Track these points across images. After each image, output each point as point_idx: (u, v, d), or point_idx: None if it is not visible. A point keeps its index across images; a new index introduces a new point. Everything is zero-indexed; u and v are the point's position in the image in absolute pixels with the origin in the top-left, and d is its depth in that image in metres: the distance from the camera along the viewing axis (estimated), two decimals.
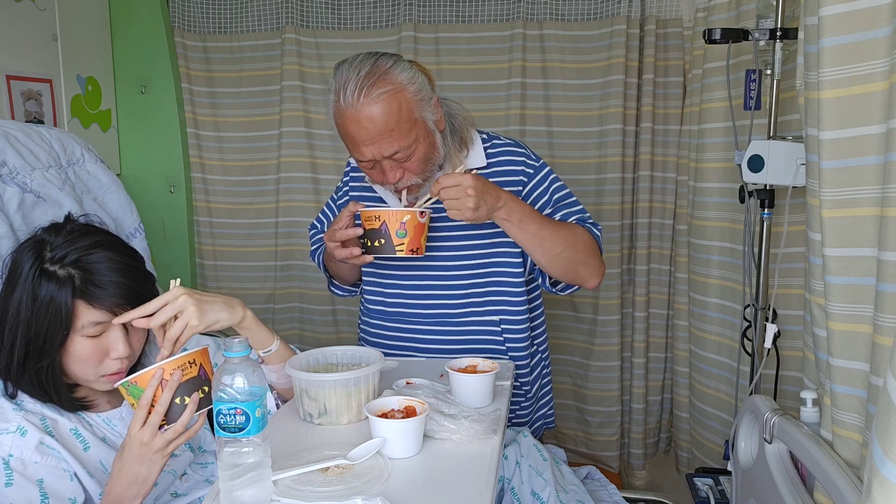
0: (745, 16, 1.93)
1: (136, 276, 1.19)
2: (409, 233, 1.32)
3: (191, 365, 1.08)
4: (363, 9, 2.51)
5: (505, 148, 1.53)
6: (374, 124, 1.30)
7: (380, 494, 0.91)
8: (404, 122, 1.32)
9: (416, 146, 1.36)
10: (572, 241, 1.44)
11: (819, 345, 1.07)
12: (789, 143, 1.67)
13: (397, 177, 1.38)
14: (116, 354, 1.16)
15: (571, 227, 1.47)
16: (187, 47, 2.59)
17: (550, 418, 1.72)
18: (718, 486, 1.79)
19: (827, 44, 0.96)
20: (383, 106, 1.30)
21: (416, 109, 1.35)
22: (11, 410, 1.11)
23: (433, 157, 1.42)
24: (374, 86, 1.30)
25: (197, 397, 1.08)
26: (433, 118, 1.39)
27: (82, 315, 1.12)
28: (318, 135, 2.57)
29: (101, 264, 1.14)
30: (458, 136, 1.50)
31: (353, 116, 1.31)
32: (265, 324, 1.27)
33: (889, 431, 0.62)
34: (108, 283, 1.14)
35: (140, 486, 1.07)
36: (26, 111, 2.05)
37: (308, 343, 2.60)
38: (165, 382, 1.05)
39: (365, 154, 1.35)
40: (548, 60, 2.42)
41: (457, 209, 1.30)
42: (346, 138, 1.37)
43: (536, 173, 1.52)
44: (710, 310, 2.17)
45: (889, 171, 0.87)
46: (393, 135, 1.32)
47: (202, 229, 2.70)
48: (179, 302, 1.12)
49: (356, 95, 1.29)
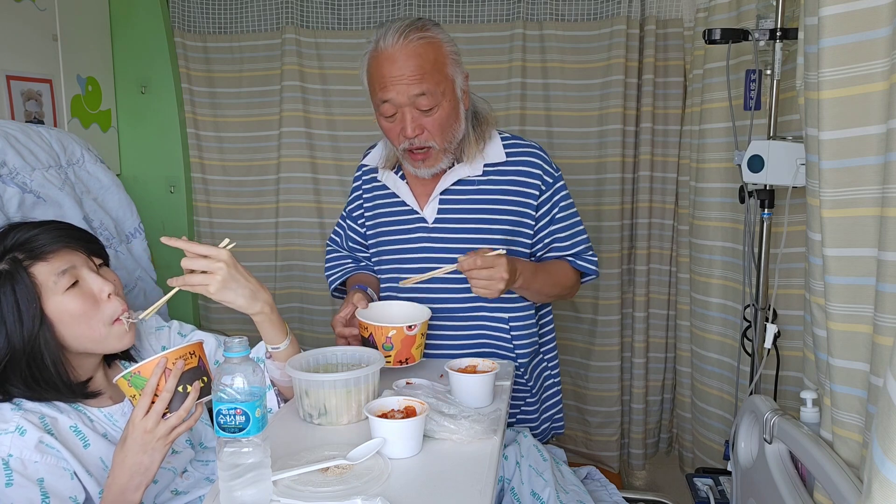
0: (745, 16, 1.93)
1: (64, 225, 1.23)
2: (396, 346, 1.33)
3: (191, 356, 1.12)
4: (363, 9, 2.51)
5: (527, 149, 1.55)
6: (409, 64, 1.36)
7: (380, 495, 0.91)
8: (437, 71, 1.39)
9: (442, 102, 1.40)
10: (560, 282, 1.57)
11: (819, 345, 1.07)
12: (789, 143, 1.67)
13: (415, 132, 1.41)
14: (105, 292, 1.18)
15: (559, 268, 1.58)
16: (187, 47, 2.59)
17: (559, 423, 1.71)
18: (718, 486, 1.79)
19: (827, 44, 0.96)
20: (420, 49, 1.37)
21: (449, 66, 1.41)
22: (10, 411, 1.11)
23: (453, 127, 1.45)
24: (415, 32, 1.37)
25: (198, 386, 1.11)
26: (461, 86, 1.45)
27: (44, 274, 1.14)
28: (318, 135, 2.57)
29: (28, 233, 1.17)
30: (480, 129, 1.53)
31: (390, 55, 1.37)
32: (284, 323, 1.28)
33: (889, 431, 0.62)
34: (42, 236, 1.17)
35: (143, 476, 1.08)
36: (26, 111, 2.05)
37: (308, 343, 2.60)
38: (169, 371, 1.08)
39: (391, 93, 1.38)
40: (548, 61, 2.42)
41: (486, 290, 1.37)
42: (376, 81, 1.41)
43: (549, 188, 1.55)
44: (712, 310, 2.17)
45: (889, 171, 0.87)
46: (425, 78, 1.37)
47: (202, 229, 2.70)
48: (216, 266, 1.14)
49: (396, 38, 1.36)
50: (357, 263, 1.75)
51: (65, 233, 1.20)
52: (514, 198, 1.52)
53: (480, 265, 1.34)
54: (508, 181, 1.53)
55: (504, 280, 1.35)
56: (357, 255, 1.74)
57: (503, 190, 1.52)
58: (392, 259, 1.60)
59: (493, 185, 1.53)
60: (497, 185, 1.53)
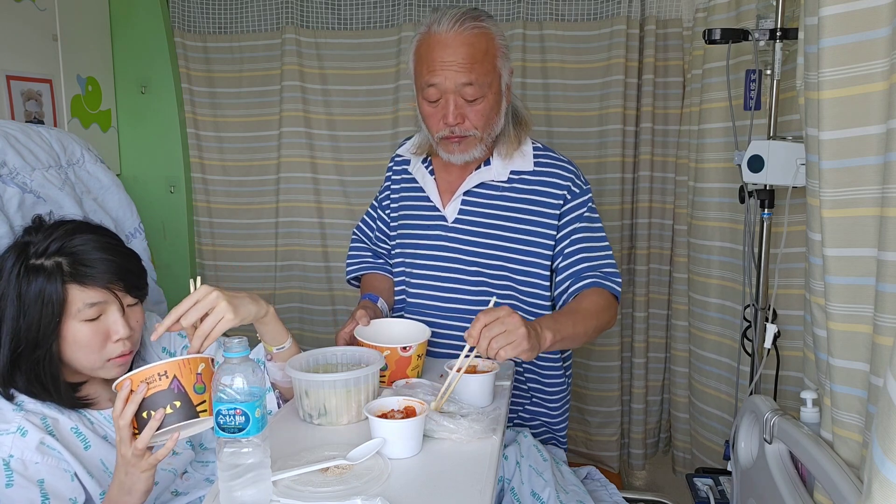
0: (745, 16, 1.93)
1: (122, 252, 1.21)
2: (391, 366, 1.32)
3: (160, 377, 1.02)
4: (363, 9, 2.51)
5: (557, 162, 1.53)
6: (460, 51, 1.37)
7: (380, 495, 0.91)
8: (487, 62, 1.39)
9: (487, 93, 1.41)
10: (596, 316, 1.42)
11: (819, 345, 1.07)
12: (789, 143, 1.67)
13: (457, 120, 1.41)
14: (117, 336, 1.16)
15: (591, 301, 1.44)
16: (187, 47, 2.59)
17: (562, 436, 1.66)
18: (718, 486, 1.79)
19: (827, 44, 0.96)
20: (474, 39, 1.37)
21: (499, 59, 1.42)
22: (11, 411, 1.11)
23: (494, 120, 1.45)
24: (470, 21, 1.38)
25: (161, 413, 1.01)
26: (507, 81, 1.45)
27: (76, 299, 1.13)
28: (318, 135, 2.57)
29: (85, 245, 1.16)
30: (518, 128, 1.52)
31: (443, 40, 1.37)
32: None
33: (889, 431, 0.62)
34: (95, 260, 1.15)
35: (129, 496, 1.06)
36: (26, 111, 2.05)
37: (308, 343, 2.60)
38: (133, 393, 1.01)
39: (438, 78, 1.38)
40: (548, 61, 2.42)
41: (510, 342, 1.16)
42: (425, 63, 1.40)
43: (575, 198, 1.51)
44: (711, 310, 2.17)
45: (889, 171, 0.87)
46: (474, 68, 1.37)
47: (202, 229, 2.70)
48: (211, 299, 1.10)
49: (452, 23, 1.37)
50: (376, 259, 1.75)
51: (117, 266, 1.17)
52: (536, 208, 1.50)
53: (484, 321, 1.17)
54: (532, 191, 1.51)
55: (522, 322, 1.17)
56: (380, 246, 1.74)
57: (526, 199, 1.51)
58: (408, 253, 1.60)
59: (516, 192, 1.52)
60: (521, 193, 1.51)
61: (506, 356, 1.16)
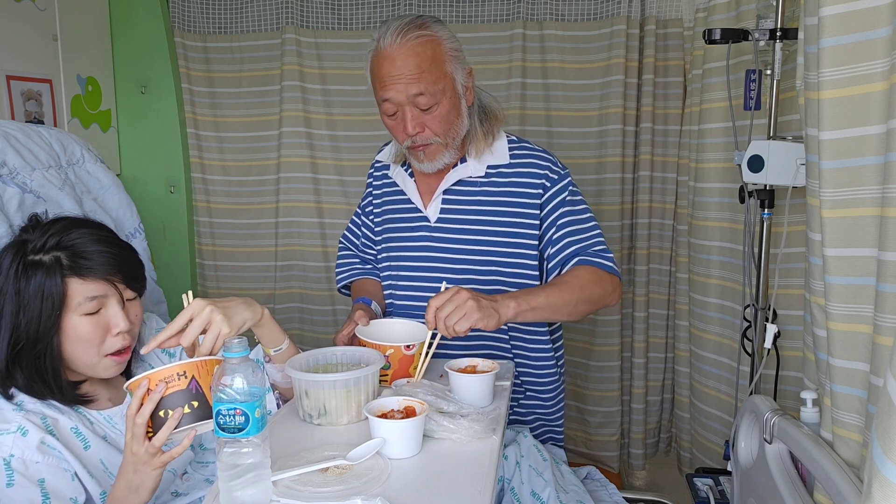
0: (745, 16, 1.93)
1: (119, 244, 1.21)
2: (394, 365, 1.32)
3: (179, 377, 1.03)
4: (363, 9, 2.51)
5: (532, 151, 1.54)
6: (407, 63, 1.37)
7: (379, 495, 0.91)
8: (435, 69, 1.39)
9: (441, 99, 1.40)
10: (579, 287, 1.42)
11: (819, 345, 1.07)
12: (789, 143, 1.67)
13: (416, 130, 1.41)
14: (118, 329, 1.17)
15: (572, 274, 1.45)
16: (187, 47, 2.59)
17: (559, 430, 1.67)
18: (718, 486, 1.79)
19: (827, 44, 0.96)
20: (417, 48, 1.37)
21: (447, 63, 1.41)
22: (11, 411, 1.11)
23: (456, 123, 1.45)
24: (413, 31, 1.38)
25: (180, 412, 1.02)
26: (462, 82, 1.45)
27: (77, 292, 1.13)
28: (318, 135, 2.57)
29: (82, 239, 1.16)
30: (488, 125, 1.52)
31: (388, 55, 1.38)
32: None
33: (889, 431, 0.62)
34: (94, 253, 1.15)
35: (136, 494, 1.06)
36: (26, 111, 2.05)
37: (308, 343, 2.60)
38: (151, 392, 1.02)
39: (390, 93, 1.39)
40: (548, 61, 2.42)
41: (462, 315, 1.23)
42: (377, 80, 1.42)
43: (554, 184, 1.51)
44: (711, 310, 2.17)
45: (889, 171, 0.87)
46: (423, 77, 1.37)
47: (202, 229, 2.70)
48: (205, 314, 1.10)
49: (395, 36, 1.37)
50: (364, 265, 1.76)
51: (115, 257, 1.18)
52: (516, 199, 1.52)
53: (436, 304, 1.25)
54: (510, 183, 1.52)
55: (468, 296, 1.24)
56: (367, 252, 1.75)
57: (505, 192, 1.52)
58: (394, 256, 1.61)
59: (495, 186, 1.53)
60: (499, 186, 1.52)
61: (462, 329, 1.24)
